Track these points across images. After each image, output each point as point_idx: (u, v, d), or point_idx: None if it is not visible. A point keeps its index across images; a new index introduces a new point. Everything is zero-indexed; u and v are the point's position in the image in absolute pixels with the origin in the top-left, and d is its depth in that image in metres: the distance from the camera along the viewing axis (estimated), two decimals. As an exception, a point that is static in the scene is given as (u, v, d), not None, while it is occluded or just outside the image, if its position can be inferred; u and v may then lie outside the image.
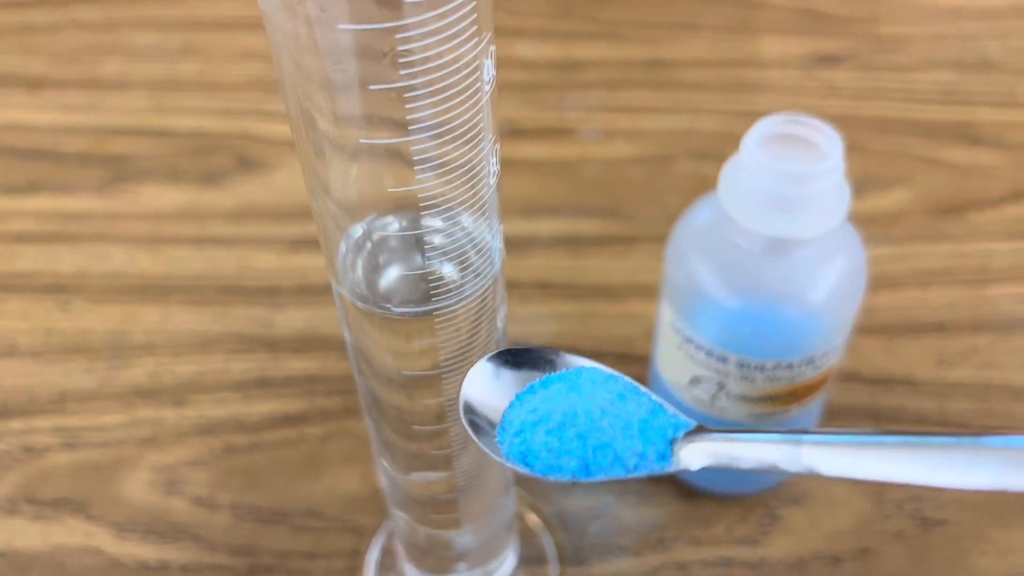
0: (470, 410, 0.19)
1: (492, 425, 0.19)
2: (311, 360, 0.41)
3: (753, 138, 0.27)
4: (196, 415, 0.39)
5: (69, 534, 0.36)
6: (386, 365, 0.22)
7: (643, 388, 0.19)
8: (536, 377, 0.19)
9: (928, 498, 0.36)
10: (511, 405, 0.19)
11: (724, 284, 0.29)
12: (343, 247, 0.21)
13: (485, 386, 0.19)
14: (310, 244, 0.46)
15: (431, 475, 0.26)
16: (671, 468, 0.18)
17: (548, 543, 0.35)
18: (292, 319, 0.43)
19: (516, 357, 0.19)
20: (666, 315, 0.31)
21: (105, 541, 0.36)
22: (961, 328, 0.42)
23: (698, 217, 0.31)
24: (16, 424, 0.39)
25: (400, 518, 0.29)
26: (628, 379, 0.19)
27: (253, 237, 0.47)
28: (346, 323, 0.22)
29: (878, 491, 0.36)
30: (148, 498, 0.37)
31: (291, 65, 0.17)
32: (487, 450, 0.19)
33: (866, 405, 0.39)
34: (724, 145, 0.51)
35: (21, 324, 0.43)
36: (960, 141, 0.52)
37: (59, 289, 0.44)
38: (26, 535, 0.36)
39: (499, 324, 0.23)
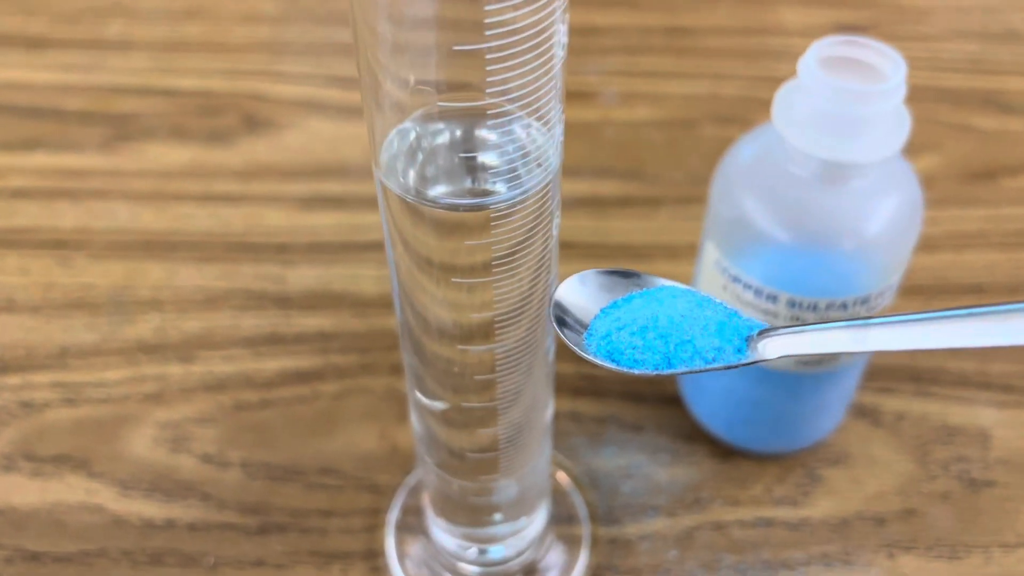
0: (560, 308, 0.20)
1: (582, 326, 0.20)
2: (324, 317, 0.39)
3: (811, 57, 0.26)
4: (204, 371, 0.37)
5: (69, 491, 0.34)
6: (434, 281, 0.20)
7: (718, 299, 0.21)
8: (620, 294, 0.21)
9: (975, 459, 0.35)
10: (597, 316, 0.20)
11: (776, 217, 0.27)
12: (395, 143, 0.19)
13: (574, 294, 0.20)
14: (322, 202, 0.44)
15: (476, 426, 0.24)
16: (748, 359, 0.19)
17: (579, 502, 0.33)
18: (304, 276, 0.41)
19: (601, 277, 0.21)
20: (710, 255, 0.30)
21: (107, 498, 0.34)
22: (998, 290, 0.41)
23: (746, 149, 0.29)
24: (13, 379, 0.37)
25: (434, 471, 0.27)
26: (704, 293, 0.21)
27: (262, 195, 0.45)
28: (391, 240, 0.20)
29: (922, 452, 0.35)
30: (153, 455, 0.35)
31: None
32: (574, 347, 0.20)
33: (906, 366, 0.38)
34: (748, 110, 0.50)
35: (19, 279, 0.41)
36: (989, 109, 0.50)
37: (59, 245, 0.42)
38: (24, 491, 0.34)
39: (554, 232, 0.21)
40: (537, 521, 0.30)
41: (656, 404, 0.37)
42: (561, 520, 0.33)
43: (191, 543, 0.32)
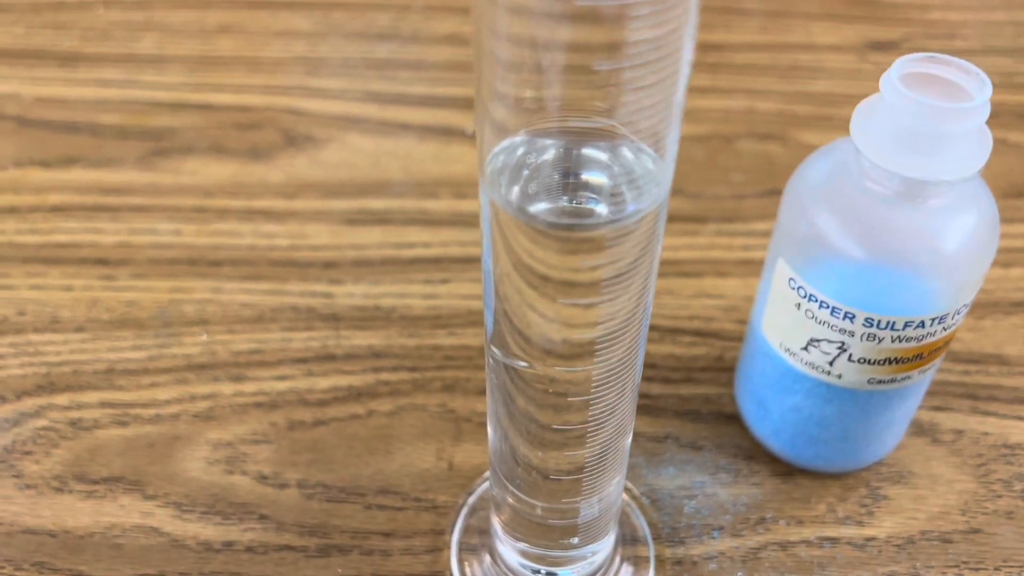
0: None
1: None
2: (375, 335, 0.39)
3: (894, 73, 0.26)
4: (255, 390, 0.37)
5: (124, 513, 0.33)
6: (544, 299, 0.20)
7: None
8: None
9: (1038, 477, 0.34)
10: None
11: (852, 234, 0.27)
12: (500, 159, 0.19)
13: None
14: (367, 218, 0.44)
15: (566, 447, 0.24)
16: None
17: (642, 522, 0.33)
18: (351, 294, 0.41)
19: None
20: (782, 273, 0.30)
21: (163, 520, 0.33)
22: (1049, 307, 0.41)
23: (819, 166, 0.29)
24: (61, 399, 0.37)
25: (512, 493, 0.26)
26: None
27: (305, 211, 0.45)
28: (493, 256, 0.20)
29: (983, 470, 0.35)
30: (207, 476, 0.34)
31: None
32: None
33: (961, 382, 0.37)
34: (785, 126, 0.50)
35: (63, 295, 0.40)
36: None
37: (102, 261, 0.42)
38: (77, 514, 0.33)
39: (658, 250, 0.21)
40: (608, 542, 0.30)
41: (713, 423, 0.36)
42: (626, 541, 0.32)
43: (251, 566, 0.32)
